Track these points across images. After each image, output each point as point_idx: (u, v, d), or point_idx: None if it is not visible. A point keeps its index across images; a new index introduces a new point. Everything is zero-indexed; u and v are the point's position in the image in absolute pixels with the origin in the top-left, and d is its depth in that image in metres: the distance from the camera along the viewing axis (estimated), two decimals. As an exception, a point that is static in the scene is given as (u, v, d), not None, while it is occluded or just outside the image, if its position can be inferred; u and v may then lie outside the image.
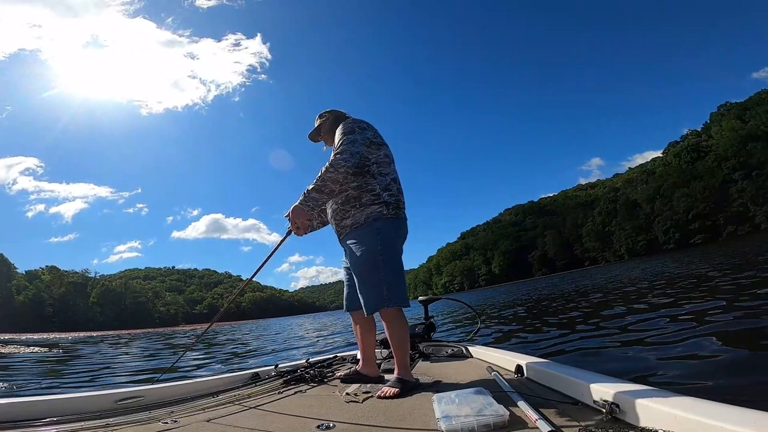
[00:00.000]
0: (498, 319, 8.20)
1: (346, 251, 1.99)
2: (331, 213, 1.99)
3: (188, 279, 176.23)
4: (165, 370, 4.65)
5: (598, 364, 2.92)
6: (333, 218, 1.99)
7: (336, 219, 1.96)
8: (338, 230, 1.98)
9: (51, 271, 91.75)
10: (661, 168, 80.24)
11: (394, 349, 1.86)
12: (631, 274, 16.32)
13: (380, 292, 1.80)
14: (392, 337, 1.86)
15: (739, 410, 0.87)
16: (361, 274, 1.87)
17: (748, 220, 59.34)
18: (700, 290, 6.16)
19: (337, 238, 2.04)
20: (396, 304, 1.81)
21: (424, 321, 3.14)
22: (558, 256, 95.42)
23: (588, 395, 1.24)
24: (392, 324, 1.85)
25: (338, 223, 1.95)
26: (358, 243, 1.87)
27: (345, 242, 1.96)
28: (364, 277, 1.85)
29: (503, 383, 1.57)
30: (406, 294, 1.88)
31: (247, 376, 2.26)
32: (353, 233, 1.89)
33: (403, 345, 1.84)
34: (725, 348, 2.68)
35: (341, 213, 1.92)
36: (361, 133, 1.89)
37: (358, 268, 1.88)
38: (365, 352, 2.07)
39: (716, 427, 0.82)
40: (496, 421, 1.12)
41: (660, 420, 0.95)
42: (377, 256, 1.81)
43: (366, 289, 1.85)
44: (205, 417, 1.49)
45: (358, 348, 2.14)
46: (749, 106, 69.52)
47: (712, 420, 0.84)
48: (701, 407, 0.91)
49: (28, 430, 1.36)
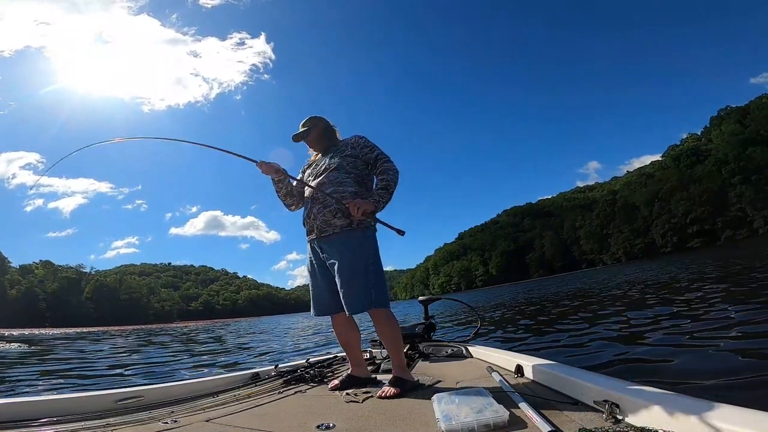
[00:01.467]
0: (498, 319, 8.21)
1: (324, 250, 1.96)
2: (320, 210, 1.95)
3: (184, 275, 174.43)
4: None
5: (598, 364, 2.93)
6: (320, 215, 1.94)
7: (325, 216, 1.93)
8: (321, 227, 1.94)
9: (45, 266, 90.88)
10: (660, 171, 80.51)
11: (390, 349, 1.90)
12: (629, 276, 16.36)
13: (369, 293, 1.86)
14: (386, 338, 1.91)
15: (739, 410, 0.87)
16: (352, 275, 1.87)
17: (746, 225, 59.53)
18: (699, 292, 6.18)
19: (308, 236, 2.02)
20: (384, 305, 1.91)
21: (424, 321, 3.15)
22: (555, 258, 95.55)
23: (588, 395, 1.25)
24: (385, 324, 1.90)
25: (326, 220, 1.93)
26: (350, 245, 1.90)
27: (326, 241, 1.94)
28: (355, 278, 1.87)
29: (503, 383, 1.58)
30: (389, 296, 2.02)
31: (247, 376, 2.26)
32: (344, 234, 1.91)
33: (398, 344, 1.91)
34: (725, 348, 2.70)
35: (333, 212, 1.92)
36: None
37: (350, 269, 1.88)
38: (354, 354, 2.06)
39: (716, 427, 0.82)
40: (496, 422, 1.13)
41: (660, 420, 0.96)
42: (369, 259, 1.91)
43: (355, 289, 1.86)
44: (205, 417, 1.49)
45: (345, 351, 2.10)
46: (750, 110, 69.84)
47: (713, 420, 0.84)
48: (701, 407, 0.92)
49: (28, 430, 1.36)
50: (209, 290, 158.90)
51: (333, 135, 2.20)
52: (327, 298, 1.99)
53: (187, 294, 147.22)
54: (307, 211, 2.03)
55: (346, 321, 2.01)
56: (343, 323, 2.03)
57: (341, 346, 2.09)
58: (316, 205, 1.97)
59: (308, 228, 2.03)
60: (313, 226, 1.98)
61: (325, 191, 1.95)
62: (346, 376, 1.98)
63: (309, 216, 2.00)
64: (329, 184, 1.98)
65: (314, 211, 1.97)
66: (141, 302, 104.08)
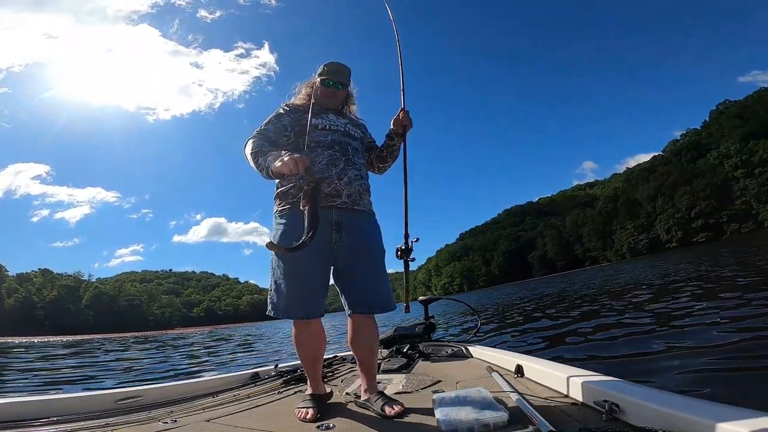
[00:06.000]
0: (498, 319, 8.20)
1: (345, 227, 1.50)
2: (356, 176, 1.56)
3: (185, 282, 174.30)
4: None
5: (598, 364, 2.92)
6: (356, 181, 1.55)
7: (361, 187, 1.58)
8: (355, 197, 1.54)
9: (43, 274, 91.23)
10: (662, 166, 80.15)
11: (373, 359, 1.60)
12: (633, 273, 16.29)
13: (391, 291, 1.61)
14: (374, 346, 1.60)
15: (738, 410, 0.86)
16: (381, 267, 1.59)
17: (751, 218, 59.24)
18: (701, 290, 6.15)
19: (326, 200, 1.46)
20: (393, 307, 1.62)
21: (424, 321, 3.15)
22: (558, 257, 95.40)
23: (588, 395, 1.24)
24: (376, 330, 1.61)
25: (360, 192, 1.57)
26: (378, 231, 1.64)
27: (356, 216, 1.54)
28: (384, 271, 1.59)
29: (503, 383, 1.57)
30: None
31: (246, 376, 2.25)
32: (372, 217, 1.64)
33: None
34: (725, 348, 2.67)
35: (366, 187, 1.63)
36: None
37: (381, 259, 1.60)
38: (318, 369, 1.64)
39: (716, 427, 0.82)
40: (496, 421, 1.12)
41: (660, 420, 0.95)
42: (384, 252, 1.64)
43: (387, 284, 1.59)
44: (204, 417, 1.49)
45: (311, 367, 1.58)
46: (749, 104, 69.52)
47: (712, 420, 0.84)
48: (701, 407, 0.91)
49: (28, 430, 1.36)
50: (211, 296, 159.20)
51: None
52: (321, 293, 1.52)
53: (188, 300, 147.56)
54: (338, 170, 1.51)
55: (322, 328, 1.57)
56: (320, 332, 1.56)
57: (307, 361, 1.57)
58: (352, 168, 1.55)
59: (332, 190, 1.49)
60: (342, 190, 1.50)
61: (357, 159, 1.61)
62: (315, 401, 1.49)
63: (341, 176, 1.51)
64: (359, 154, 1.65)
65: (350, 175, 1.53)
66: (141, 309, 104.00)
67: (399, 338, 2.91)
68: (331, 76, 1.68)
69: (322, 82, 1.69)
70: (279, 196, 1.58)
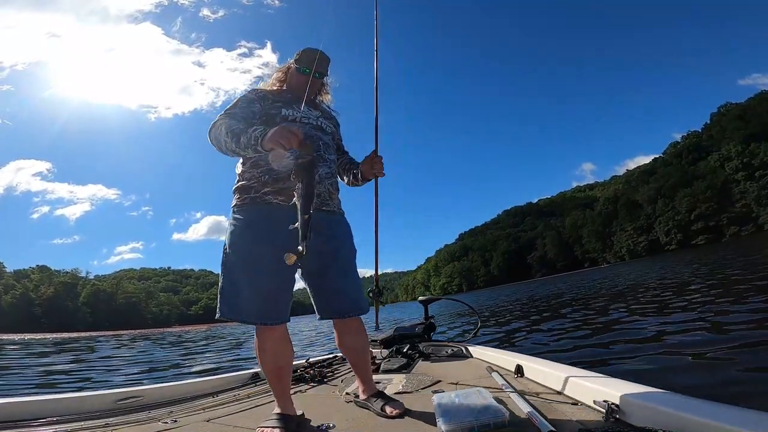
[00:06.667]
0: (498, 319, 8.19)
1: (322, 232, 1.38)
2: (327, 174, 1.49)
3: (184, 280, 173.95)
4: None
5: (598, 364, 2.92)
6: (326, 179, 1.47)
7: (331, 186, 1.51)
8: (325, 196, 1.46)
9: (41, 271, 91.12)
10: (663, 168, 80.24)
11: (367, 361, 1.56)
12: (631, 275, 16.30)
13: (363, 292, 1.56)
14: (365, 348, 1.56)
15: (738, 410, 0.86)
16: (353, 267, 1.53)
17: (751, 221, 59.24)
18: (701, 291, 6.15)
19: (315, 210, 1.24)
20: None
21: (424, 321, 3.14)
22: (558, 258, 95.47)
23: (588, 395, 1.24)
24: (363, 332, 1.55)
25: (330, 191, 1.50)
26: (349, 231, 1.57)
27: (326, 215, 1.45)
28: (356, 271, 1.54)
29: (503, 383, 1.57)
30: None
31: (246, 376, 2.25)
32: (342, 216, 1.56)
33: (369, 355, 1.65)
34: (726, 349, 2.68)
35: (336, 186, 1.56)
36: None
37: (353, 259, 1.54)
38: (288, 381, 1.43)
39: (716, 427, 0.82)
40: (496, 421, 1.12)
41: (660, 420, 0.95)
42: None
43: (359, 285, 1.52)
44: (204, 417, 1.49)
45: (277, 380, 1.37)
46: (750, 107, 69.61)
47: (712, 420, 0.84)
48: (701, 407, 0.91)
49: (28, 430, 1.36)
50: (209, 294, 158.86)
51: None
52: (287, 297, 1.36)
53: (187, 298, 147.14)
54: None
55: (287, 336, 1.40)
56: (287, 339, 1.38)
57: (271, 373, 1.36)
58: (323, 165, 1.45)
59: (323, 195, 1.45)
60: (323, 191, 1.45)
61: (328, 156, 1.51)
62: (283, 422, 1.29)
63: (323, 181, 1.48)
64: (330, 150, 1.56)
65: (321, 173, 1.43)
66: (138, 307, 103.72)
67: (399, 338, 2.91)
68: (309, 64, 1.53)
69: (297, 69, 1.55)
70: (239, 190, 1.41)
